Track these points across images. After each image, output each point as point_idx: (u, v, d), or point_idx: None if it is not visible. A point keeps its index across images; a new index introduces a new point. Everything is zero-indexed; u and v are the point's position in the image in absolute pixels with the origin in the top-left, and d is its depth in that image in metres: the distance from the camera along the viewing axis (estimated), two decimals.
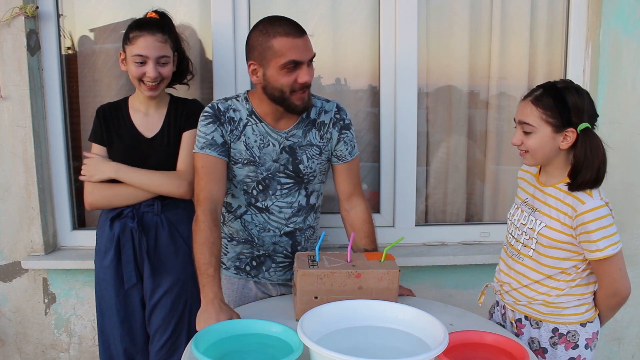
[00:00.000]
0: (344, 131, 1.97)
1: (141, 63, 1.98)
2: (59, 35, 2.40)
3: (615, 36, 2.40)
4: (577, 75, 2.52)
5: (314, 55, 1.81)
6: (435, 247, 2.59)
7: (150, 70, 1.98)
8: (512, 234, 1.85)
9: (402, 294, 1.94)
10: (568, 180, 1.68)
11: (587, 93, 1.69)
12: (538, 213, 1.75)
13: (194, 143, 1.95)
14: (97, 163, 2.06)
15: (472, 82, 2.60)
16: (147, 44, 1.97)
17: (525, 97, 1.72)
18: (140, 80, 2.01)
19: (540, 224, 1.73)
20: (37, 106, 2.36)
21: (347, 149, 1.99)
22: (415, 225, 2.59)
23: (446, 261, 2.48)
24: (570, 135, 1.65)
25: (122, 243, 2.06)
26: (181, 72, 2.17)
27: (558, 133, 1.66)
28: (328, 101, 1.99)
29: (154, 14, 2.10)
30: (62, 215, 2.49)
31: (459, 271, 2.53)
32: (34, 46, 2.33)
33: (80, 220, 2.56)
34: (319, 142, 1.95)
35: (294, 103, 1.82)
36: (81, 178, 2.07)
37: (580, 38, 2.51)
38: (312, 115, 1.95)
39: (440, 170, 2.66)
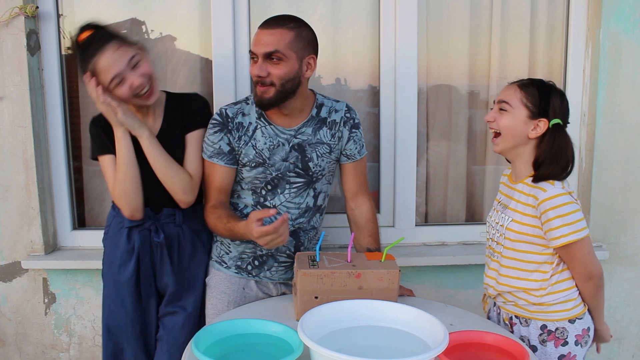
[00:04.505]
0: (354, 130, 2.00)
1: (119, 83, 1.82)
2: (59, 35, 2.39)
3: (615, 36, 2.40)
4: (577, 75, 2.52)
5: (274, 52, 1.78)
6: (435, 247, 2.59)
7: (133, 80, 1.82)
8: (489, 235, 1.90)
9: (403, 294, 1.94)
10: (533, 173, 1.74)
11: (567, 100, 1.77)
12: (508, 210, 1.80)
13: (200, 145, 1.96)
14: (134, 117, 1.89)
15: (472, 82, 2.60)
16: (109, 63, 1.80)
17: (513, 82, 1.79)
18: (134, 95, 1.85)
19: (508, 219, 1.78)
20: (37, 106, 2.36)
21: (356, 148, 2.01)
22: (415, 225, 2.59)
23: (446, 261, 2.48)
24: (542, 125, 1.72)
25: (142, 257, 1.96)
26: None
27: (531, 119, 1.72)
28: (337, 101, 2.02)
29: (87, 32, 1.85)
30: (62, 215, 2.48)
31: (459, 271, 2.53)
32: (34, 46, 2.33)
33: (80, 220, 2.56)
34: (330, 140, 1.96)
35: (255, 94, 1.88)
36: (103, 103, 1.84)
37: (580, 38, 2.51)
38: (323, 114, 1.96)
39: (441, 170, 2.66)
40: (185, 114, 1.99)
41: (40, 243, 2.41)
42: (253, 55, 1.82)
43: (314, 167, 1.94)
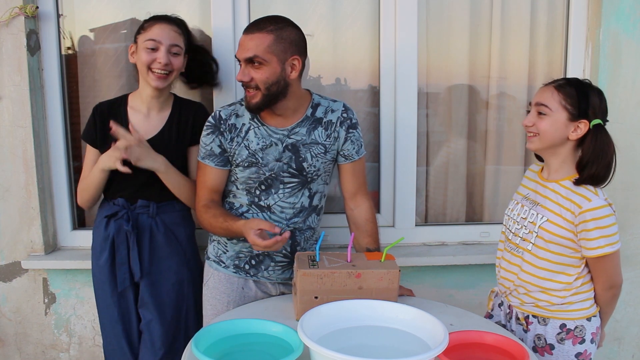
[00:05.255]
0: (351, 130, 1.99)
1: (153, 49, 1.97)
2: (59, 35, 2.40)
3: (615, 36, 2.40)
4: (577, 75, 2.51)
5: (253, 57, 1.80)
6: (435, 247, 2.59)
7: (162, 56, 1.97)
8: (510, 229, 1.87)
9: (403, 294, 1.94)
10: (575, 177, 1.72)
11: (605, 98, 1.74)
12: (540, 207, 1.77)
13: None
14: (149, 150, 2.00)
15: (472, 82, 2.60)
16: (162, 30, 1.98)
17: (548, 83, 1.77)
18: (149, 69, 1.98)
19: (542, 218, 1.75)
20: (37, 106, 2.36)
21: (354, 149, 2.00)
22: (415, 225, 2.59)
23: (446, 261, 2.48)
24: (582, 127, 1.70)
25: (117, 244, 2.05)
26: (204, 74, 2.23)
27: (572, 122, 1.70)
28: (335, 101, 2.02)
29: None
30: (62, 215, 2.49)
31: (459, 271, 2.53)
32: (34, 46, 2.33)
33: (80, 220, 2.56)
34: (325, 140, 1.96)
35: (244, 98, 1.92)
36: (125, 155, 1.94)
37: (580, 38, 2.51)
38: (319, 114, 1.96)
39: (440, 170, 2.66)
40: (192, 126, 2.08)
41: (40, 243, 2.41)
42: (238, 60, 1.86)
43: (308, 168, 1.94)
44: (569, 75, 2.53)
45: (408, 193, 2.55)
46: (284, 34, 1.82)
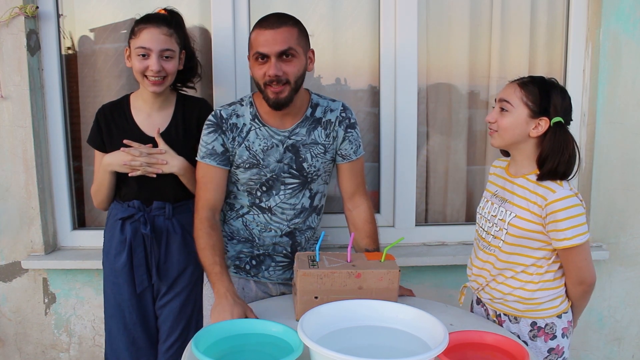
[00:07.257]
0: (349, 130, 1.98)
1: (144, 56, 1.95)
2: (59, 35, 2.40)
3: (615, 36, 2.40)
4: (577, 75, 2.52)
5: (288, 49, 1.78)
6: (435, 247, 2.59)
7: (153, 63, 1.94)
8: (483, 227, 1.87)
9: (403, 294, 1.94)
10: (538, 171, 1.73)
11: (569, 97, 1.76)
12: (508, 204, 1.78)
13: None
14: (171, 153, 2.02)
15: (472, 82, 2.60)
16: (150, 37, 1.94)
17: (513, 81, 1.79)
18: (144, 75, 1.97)
19: (510, 214, 1.76)
20: (37, 106, 2.36)
21: (352, 148, 2.00)
22: (415, 225, 2.59)
23: (446, 261, 2.48)
24: (543, 124, 1.71)
25: (134, 247, 2.04)
26: (189, 72, 2.16)
27: (532, 119, 1.72)
28: (334, 100, 2.01)
29: (162, 11, 2.07)
30: (62, 215, 2.49)
31: (459, 271, 2.52)
32: (34, 46, 2.33)
33: (80, 220, 2.56)
34: (325, 140, 1.95)
35: (267, 96, 1.83)
36: (152, 168, 1.99)
37: (580, 38, 2.51)
38: (318, 114, 1.95)
39: (441, 170, 2.66)
40: (198, 122, 2.05)
41: (40, 243, 2.41)
42: (261, 56, 1.79)
43: (308, 168, 1.94)
44: (569, 75, 2.53)
45: (408, 193, 2.55)
46: (302, 27, 1.84)
